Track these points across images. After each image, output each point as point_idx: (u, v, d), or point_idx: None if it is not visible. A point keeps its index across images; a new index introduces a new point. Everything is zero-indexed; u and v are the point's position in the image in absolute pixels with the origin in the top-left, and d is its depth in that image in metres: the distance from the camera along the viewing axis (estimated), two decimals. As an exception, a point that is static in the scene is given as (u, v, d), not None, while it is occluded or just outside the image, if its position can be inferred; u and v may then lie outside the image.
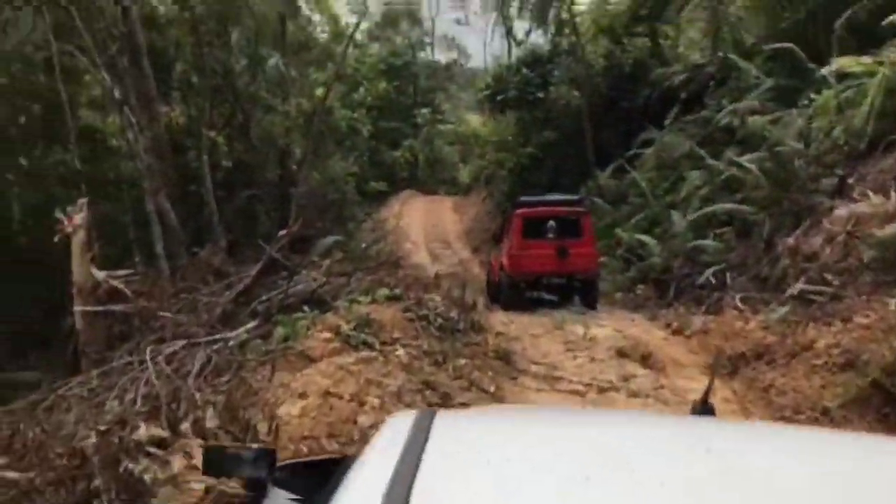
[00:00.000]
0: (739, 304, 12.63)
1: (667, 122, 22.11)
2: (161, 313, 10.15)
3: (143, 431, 6.06)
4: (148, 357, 7.97)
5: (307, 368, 8.34)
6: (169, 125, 22.25)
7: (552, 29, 30.42)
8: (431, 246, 28.78)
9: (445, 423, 1.76)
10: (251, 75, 24.59)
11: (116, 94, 16.89)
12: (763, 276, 13.57)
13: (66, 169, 18.74)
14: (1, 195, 18.61)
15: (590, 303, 15.63)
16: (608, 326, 13.20)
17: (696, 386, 9.75)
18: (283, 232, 13.14)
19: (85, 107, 22.43)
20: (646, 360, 10.93)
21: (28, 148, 19.95)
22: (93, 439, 5.93)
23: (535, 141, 29.01)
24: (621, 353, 11.22)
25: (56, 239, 10.21)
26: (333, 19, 36.12)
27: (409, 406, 8.06)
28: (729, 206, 15.82)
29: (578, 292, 15.93)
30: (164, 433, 6.11)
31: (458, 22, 50.93)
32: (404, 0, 48.06)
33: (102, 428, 6.08)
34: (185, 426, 6.36)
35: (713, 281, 14.62)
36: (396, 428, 1.71)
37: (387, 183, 39.96)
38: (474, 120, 41.73)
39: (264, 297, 10.89)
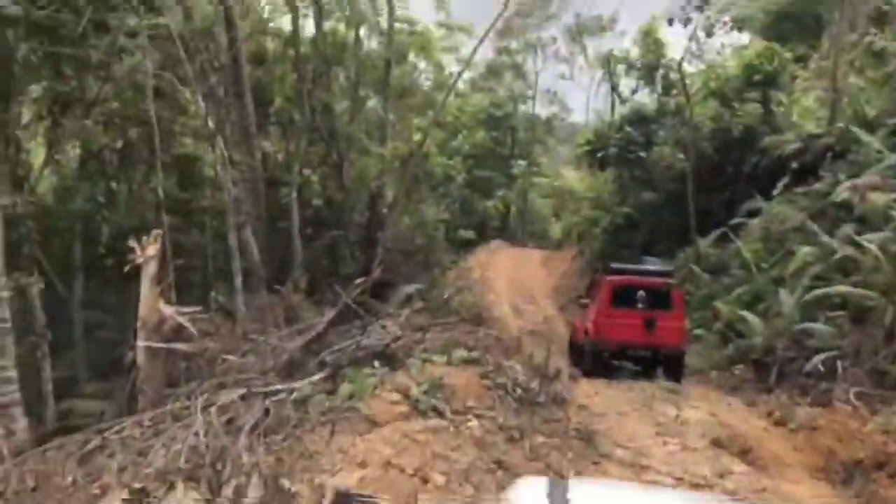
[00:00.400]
0: (854, 400, 11.35)
1: (775, 191, 20.86)
2: (225, 356, 9.70)
3: (180, 495, 5.47)
4: (199, 407, 7.46)
5: (370, 433, 7.67)
6: (265, 160, 22.35)
7: (659, 88, 29.67)
8: (516, 300, 27.92)
9: (582, 492, 1.78)
10: (350, 116, 24.57)
11: (210, 124, 16.92)
12: (882, 369, 12.26)
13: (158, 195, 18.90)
14: (91, 217, 18.84)
15: (675, 377, 14.93)
16: (702, 409, 12.17)
17: (804, 491, 8.62)
18: (360, 279, 12.62)
19: (188, 135, 22.77)
20: (745, 454, 9.85)
21: (126, 172, 20.24)
22: (124, 495, 5.36)
23: (632, 201, 28.20)
24: (717, 443, 10.19)
25: (126, 269, 9.91)
26: (438, 67, 36.19)
27: (476, 486, 7.28)
28: (845, 288, 14.45)
29: (663, 365, 15.37)
30: (201, 499, 5.50)
31: (562, 76, 50.78)
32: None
33: (137, 486, 5.52)
34: (227, 492, 5.75)
35: (822, 369, 13.30)
36: (529, 494, 1.72)
37: (476, 232, 39.61)
38: (571, 175, 40.93)
39: (335, 348, 10.32)
